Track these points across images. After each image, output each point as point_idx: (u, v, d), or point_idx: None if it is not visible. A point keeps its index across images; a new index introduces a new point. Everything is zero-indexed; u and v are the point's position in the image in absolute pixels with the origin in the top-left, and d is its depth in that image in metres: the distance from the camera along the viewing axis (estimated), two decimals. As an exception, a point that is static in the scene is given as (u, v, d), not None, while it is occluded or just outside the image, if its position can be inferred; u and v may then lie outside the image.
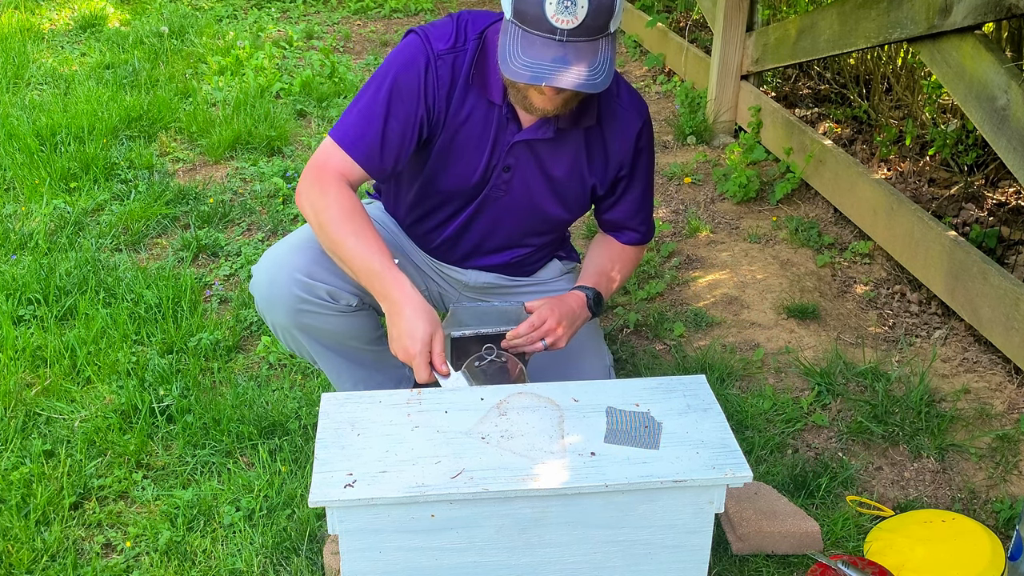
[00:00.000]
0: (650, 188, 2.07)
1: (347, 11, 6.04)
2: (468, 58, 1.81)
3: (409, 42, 1.84)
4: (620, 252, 2.10)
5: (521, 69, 1.62)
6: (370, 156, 1.82)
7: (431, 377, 1.75)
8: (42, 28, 5.47)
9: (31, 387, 2.43)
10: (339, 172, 1.82)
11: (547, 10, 1.59)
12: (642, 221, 2.08)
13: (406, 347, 1.73)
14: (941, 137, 3.41)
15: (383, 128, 1.81)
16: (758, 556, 1.93)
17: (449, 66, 1.80)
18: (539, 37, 1.62)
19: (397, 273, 1.75)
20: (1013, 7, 2.31)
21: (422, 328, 1.72)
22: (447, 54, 1.80)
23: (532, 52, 1.62)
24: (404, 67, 1.81)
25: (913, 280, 2.92)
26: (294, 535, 1.95)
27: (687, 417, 1.68)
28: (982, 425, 2.34)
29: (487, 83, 1.82)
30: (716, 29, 3.89)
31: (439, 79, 1.80)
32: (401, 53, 1.83)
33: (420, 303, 1.74)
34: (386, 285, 1.75)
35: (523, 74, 1.62)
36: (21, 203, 3.36)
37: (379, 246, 1.77)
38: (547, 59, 1.61)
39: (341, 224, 1.77)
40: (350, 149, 1.82)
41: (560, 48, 1.61)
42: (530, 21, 1.61)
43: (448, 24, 1.84)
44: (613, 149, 1.94)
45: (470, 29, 1.82)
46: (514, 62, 1.63)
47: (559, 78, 1.61)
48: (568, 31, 1.60)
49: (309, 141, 3.98)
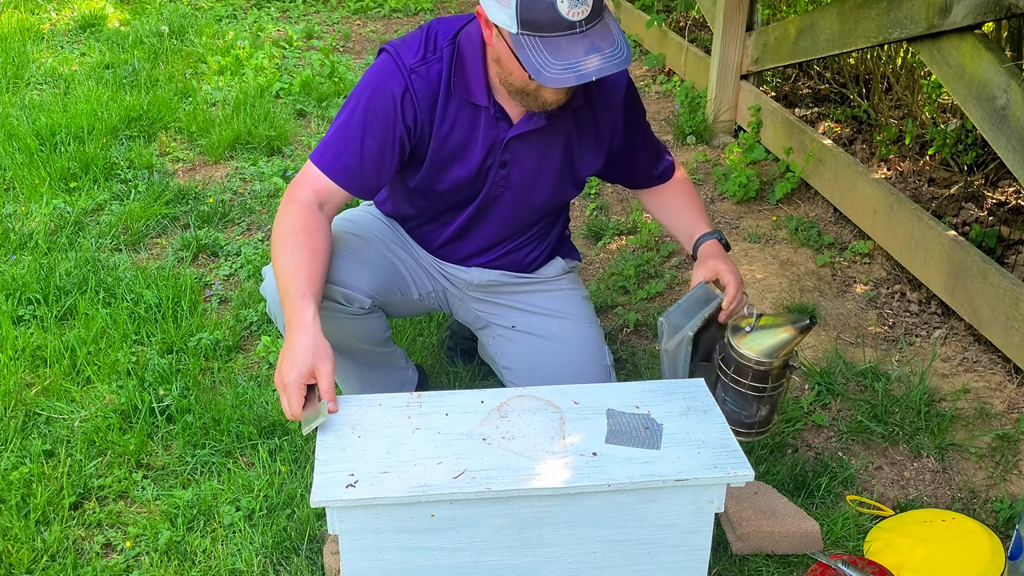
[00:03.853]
0: (648, 129, 2.08)
1: (347, 11, 6.05)
2: (445, 66, 1.80)
3: (381, 61, 1.84)
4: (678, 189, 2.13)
5: (562, 74, 1.59)
6: (349, 176, 1.82)
7: (299, 412, 1.62)
8: (42, 28, 5.47)
9: (31, 387, 2.43)
10: (313, 191, 1.81)
11: (561, 9, 1.57)
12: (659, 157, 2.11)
13: (283, 374, 1.63)
14: (941, 137, 3.41)
15: (360, 148, 1.81)
16: (758, 556, 1.93)
17: (424, 78, 1.80)
18: (563, 37, 1.60)
19: (306, 301, 1.69)
20: (1013, 7, 2.31)
21: (303, 359, 1.63)
22: (419, 66, 1.80)
23: (563, 54, 1.59)
24: (378, 86, 1.81)
25: (913, 280, 2.92)
26: (294, 535, 1.95)
27: (687, 418, 1.68)
28: (982, 425, 2.34)
29: (469, 87, 1.81)
30: (716, 29, 3.89)
31: (416, 93, 1.80)
32: (374, 73, 1.83)
33: (314, 335, 1.66)
34: (290, 309, 1.69)
35: (567, 78, 1.59)
36: (21, 203, 3.36)
37: (307, 270, 1.73)
38: (580, 55, 1.59)
39: (283, 240, 1.76)
40: (328, 170, 1.82)
41: (585, 39, 1.61)
42: (546, 26, 1.59)
43: (417, 36, 1.83)
44: (603, 124, 1.95)
45: (440, 38, 1.82)
46: (550, 70, 1.59)
47: (602, 68, 1.60)
48: (584, 20, 1.60)
49: (309, 141, 3.98)
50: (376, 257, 2.02)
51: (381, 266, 2.02)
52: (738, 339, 1.86)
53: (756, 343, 1.84)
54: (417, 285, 2.11)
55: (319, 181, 1.82)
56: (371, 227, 2.07)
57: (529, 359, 2.09)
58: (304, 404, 1.63)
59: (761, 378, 1.86)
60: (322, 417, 1.62)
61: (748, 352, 1.83)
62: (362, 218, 2.10)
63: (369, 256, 2.00)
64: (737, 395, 1.88)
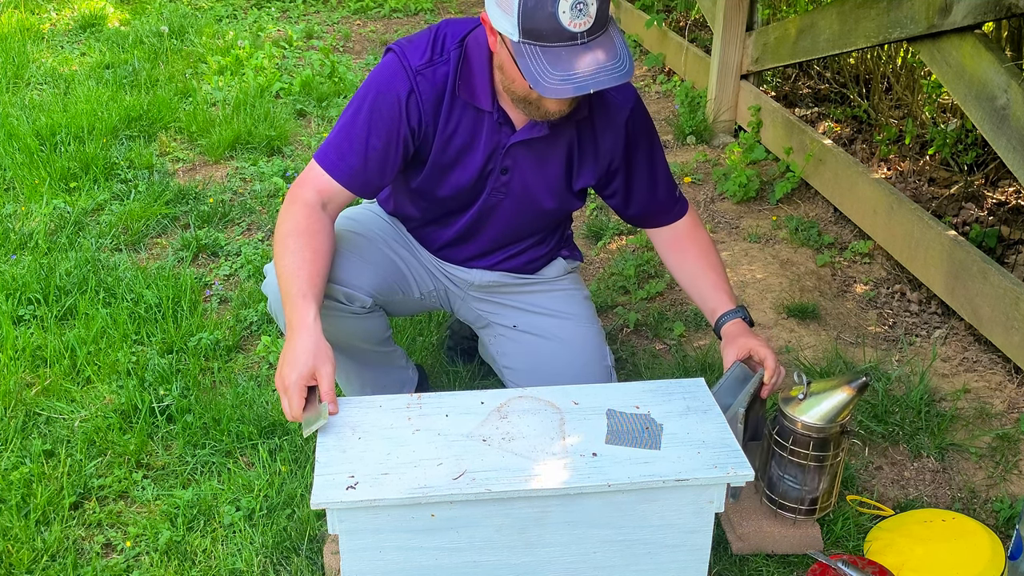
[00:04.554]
0: (660, 166, 2.01)
1: (347, 11, 6.04)
2: (451, 69, 1.79)
3: (387, 61, 1.83)
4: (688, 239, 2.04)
5: (560, 85, 1.58)
6: (353, 176, 1.82)
7: (299, 414, 1.63)
8: (42, 28, 5.47)
9: (31, 387, 2.43)
10: (316, 191, 1.81)
11: (562, 20, 1.56)
12: (665, 193, 2.03)
13: (283, 375, 1.63)
14: (941, 136, 3.41)
15: (364, 149, 1.81)
16: (758, 556, 1.93)
17: (430, 80, 1.79)
18: (563, 48, 1.58)
19: (307, 302, 1.69)
20: (1013, 6, 2.31)
21: (304, 361, 1.63)
22: (425, 68, 1.79)
23: (562, 64, 1.58)
24: (383, 87, 1.80)
25: (913, 279, 2.92)
26: (294, 535, 1.95)
27: (687, 418, 1.68)
28: (982, 424, 2.34)
29: (474, 91, 1.81)
30: (716, 29, 3.89)
31: (421, 95, 1.79)
32: (380, 73, 1.83)
33: (315, 336, 1.66)
34: (292, 310, 1.70)
35: (564, 89, 1.58)
36: (21, 203, 3.36)
37: (309, 271, 1.73)
38: (579, 66, 1.58)
39: (285, 240, 1.76)
40: (331, 170, 1.82)
41: (586, 51, 1.59)
42: (547, 36, 1.58)
43: (425, 37, 1.82)
44: (603, 140, 1.92)
45: (448, 40, 1.81)
46: (548, 80, 1.58)
47: (600, 80, 1.59)
48: (586, 32, 1.59)
49: (309, 141, 3.98)
50: (378, 256, 2.02)
51: (383, 265, 2.02)
52: (792, 408, 1.81)
53: (813, 409, 1.80)
54: (419, 284, 2.11)
55: (322, 181, 1.82)
56: (373, 225, 2.07)
57: (530, 359, 2.09)
58: (304, 406, 1.63)
59: (822, 446, 1.81)
60: (323, 419, 1.62)
61: (807, 419, 1.79)
62: (364, 216, 2.10)
63: (371, 255, 2.00)
64: (798, 469, 1.84)
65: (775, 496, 1.90)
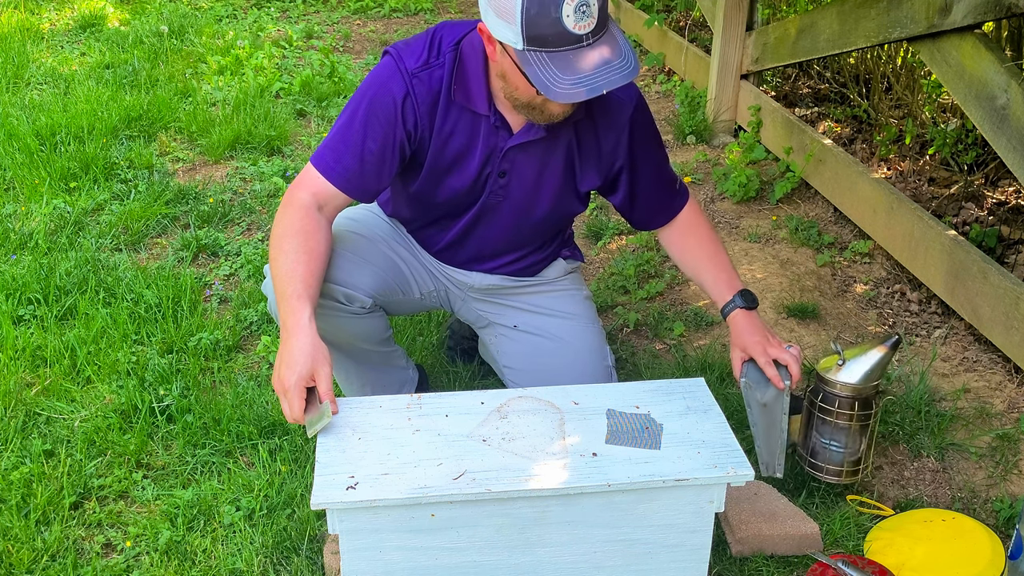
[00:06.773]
0: (664, 162, 2.01)
1: (347, 11, 6.04)
2: (446, 72, 1.79)
3: (383, 64, 1.83)
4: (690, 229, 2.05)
5: (571, 89, 1.57)
6: (349, 179, 1.82)
7: (300, 416, 1.64)
8: (42, 28, 5.47)
9: (31, 387, 2.43)
10: (312, 194, 1.81)
11: (567, 23, 1.55)
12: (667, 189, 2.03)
13: (282, 377, 1.64)
14: (941, 136, 3.41)
15: (360, 152, 1.80)
16: (758, 556, 1.93)
17: (426, 83, 1.79)
18: (570, 51, 1.58)
19: (302, 302, 1.69)
20: (1013, 6, 2.31)
21: (302, 362, 1.63)
22: (421, 71, 1.79)
23: (571, 68, 1.58)
24: (379, 90, 1.80)
25: (913, 279, 2.92)
26: (294, 535, 1.95)
27: (687, 418, 1.68)
28: (982, 424, 2.34)
29: (469, 94, 1.80)
30: (716, 28, 3.89)
31: (417, 98, 1.79)
32: (376, 76, 1.82)
33: (311, 337, 1.66)
34: (287, 312, 1.69)
35: (576, 92, 1.57)
36: (21, 203, 3.36)
37: (303, 272, 1.73)
38: (588, 69, 1.58)
39: (280, 242, 1.76)
40: (328, 173, 1.82)
41: (592, 52, 1.59)
42: (552, 41, 1.57)
43: (422, 40, 1.82)
44: (604, 141, 1.92)
45: (444, 43, 1.80)
46: (559, 85, 1.57)
47: (612, 80, 1.58)
48: (591, 32, 1.58)
49: (309, 141, 3.98)
50: (378, 256, 2.02)
51: (382, 265, 2.02)
52: (835, 374, 1.94)
53: (854, 371, 1.93)
54: (419, 284, 2.11)
55: (319, 184, 1.82)
56: (373, 225, 2.07)
57: (530, 359, 2.09)
58: (304, 407, 1.63)
59: (867, 405, 1.95)
60: (326, 419, 1.62)
61: (852, 380, 1.92)
62: (364, 216, 2.09)
63: (371, 255, 2.00)
64: (844, 433, 1.97)
65: (820, 463, 2.02)
